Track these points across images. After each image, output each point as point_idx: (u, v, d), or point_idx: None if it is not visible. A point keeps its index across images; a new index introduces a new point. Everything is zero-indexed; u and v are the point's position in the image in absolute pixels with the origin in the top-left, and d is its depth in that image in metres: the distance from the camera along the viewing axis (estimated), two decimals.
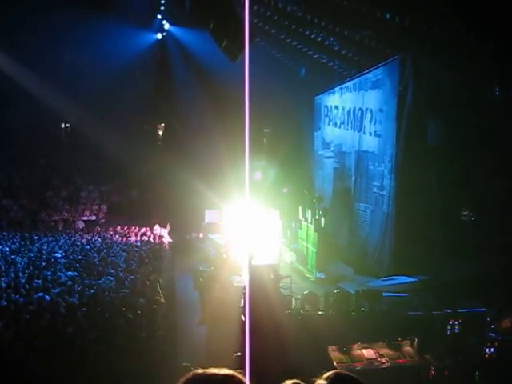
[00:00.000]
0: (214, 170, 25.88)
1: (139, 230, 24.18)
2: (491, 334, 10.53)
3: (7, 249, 19.09)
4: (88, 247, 19.67)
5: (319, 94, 23.52)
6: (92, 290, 12.56)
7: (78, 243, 20.72)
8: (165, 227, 24.62)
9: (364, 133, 18.37)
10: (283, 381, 2.54)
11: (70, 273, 14.89)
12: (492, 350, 10.09)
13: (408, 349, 11.16)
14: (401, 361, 10.88)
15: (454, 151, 14.20)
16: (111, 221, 26.97)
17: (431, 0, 12.46)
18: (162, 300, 12.53)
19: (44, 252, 18.43)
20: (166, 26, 31.17)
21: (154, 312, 11.10)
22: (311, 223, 16.60)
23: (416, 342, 11.08)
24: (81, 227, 26.42)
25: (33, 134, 29.68)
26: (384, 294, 12.66)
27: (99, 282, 13.52)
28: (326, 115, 22.64)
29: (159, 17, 30.59)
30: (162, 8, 29.37)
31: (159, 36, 32.14)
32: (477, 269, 13.24)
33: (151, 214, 28.72)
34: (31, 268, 15.53)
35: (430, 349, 10.82)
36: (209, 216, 23.65)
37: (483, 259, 13.48)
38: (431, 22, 13.41)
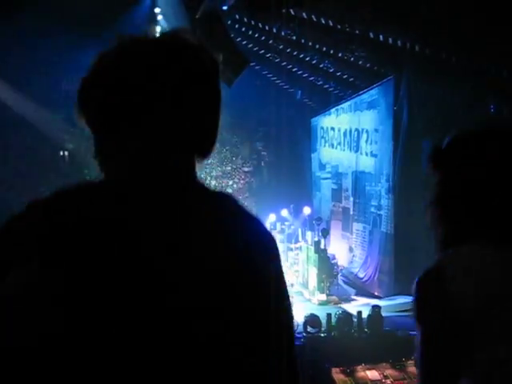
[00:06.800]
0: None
1: None
2: None
3: None
4: None
5: (315, 116, 23.66)
6: None
7: None
8: None
9: (361, 153, 18.43)
10: None
11: None
12: None
13: (413, 369, 11.00)
14: (406, 382, 10.76)
15: None
16: None
17: (423, 20, 12.62)
18: None
19: None
20: None
21: None
22: (311, 245, 16.55)
23: None
24: None
25: (32, 161, 29.73)
26: (385, 314, 12.58)
27: None
28: (322, 137, 22.73)
29: None
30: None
31: None
32: None
33: None
34: None
35: None
36: None
37: None
38: (424, 42, 13.57)
